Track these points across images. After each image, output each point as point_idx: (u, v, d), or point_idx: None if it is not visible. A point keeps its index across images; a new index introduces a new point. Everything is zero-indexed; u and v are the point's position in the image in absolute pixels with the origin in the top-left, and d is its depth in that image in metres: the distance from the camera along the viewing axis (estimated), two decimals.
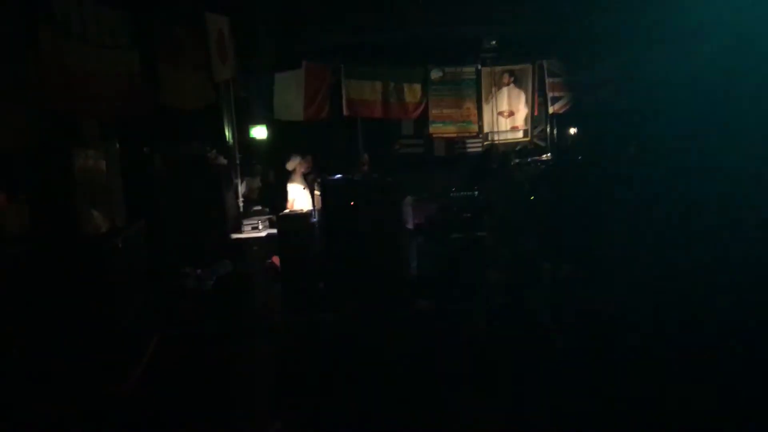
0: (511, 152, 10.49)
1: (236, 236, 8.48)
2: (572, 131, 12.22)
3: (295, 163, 9.42)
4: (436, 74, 11.20)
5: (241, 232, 8.65)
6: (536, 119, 11.96)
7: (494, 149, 10.74)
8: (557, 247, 8.25)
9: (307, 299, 7.72)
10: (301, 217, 8.36)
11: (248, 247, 8.53)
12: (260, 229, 8.73)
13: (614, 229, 7.95)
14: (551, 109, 11.51)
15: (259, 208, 9.83)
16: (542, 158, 11.16)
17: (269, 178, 11.07)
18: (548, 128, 12.19)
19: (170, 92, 6.38)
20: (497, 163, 9.05)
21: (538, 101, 11.62)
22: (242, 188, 9.80)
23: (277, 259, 8.34)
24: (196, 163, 7.98)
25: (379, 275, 7.78)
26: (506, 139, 11.62)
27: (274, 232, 8.47)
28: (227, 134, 9.30)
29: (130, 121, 5.93)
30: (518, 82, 11.49)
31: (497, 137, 11.53)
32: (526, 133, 11.70)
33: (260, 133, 10.65)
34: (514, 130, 11.63)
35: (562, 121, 12.15)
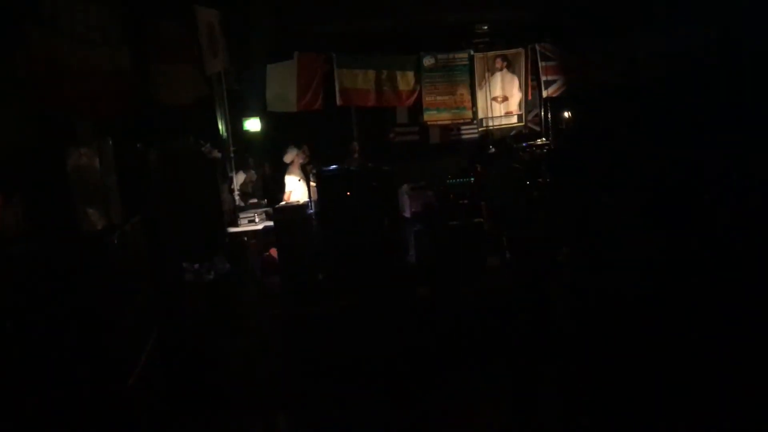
0: (510, 138, 10.49)
1: (233, 230, 8.47)
2: (566, 114, 12.21)
3: (292, 154, 9.41)
4: (428, 61, 11.15)
5: (237, 225, 8.64)
6: (530, 104, 11.94)
7: (491, 136, 10.75)
8: (561, 231, 8.27)
9: (306, 291, 7.73)
10: (297, 208, 8.35)
11: (245, 240, 8.53)
12: (257, 221, 8.73)
13: (614, 212, 7.97)
14: (545, 93, 11.49)
15: (255, 200, 9.82)
16: (537, 143, 11.16)
17: (264, 170, 11.05)
18: (542, 112, 12.18)
19: (162, 87, 6.35)
20: (495, 148, 9.04)
21: (531, 85, 11.59)
22: (237, 181, 9.78)
23: (274, 251, 8.34)
24: (190, 157, 7.93)
25: (377, 264, 7.79)
26: (500, 124, 11.61)
27: (270, 224, 8.46)
28: (221, 127, 9.27)
29: (122, 117, 5.89)
30: (511, 66, 11.46)
31: (492, 123, 11.52)
32: (520, 117, 11.68)
33: (254, 125, 10.61)
34: (508, 115, 11.61)
35: (556, 104, 12.13)
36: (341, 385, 6.06)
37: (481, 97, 11.42)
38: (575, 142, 11.25)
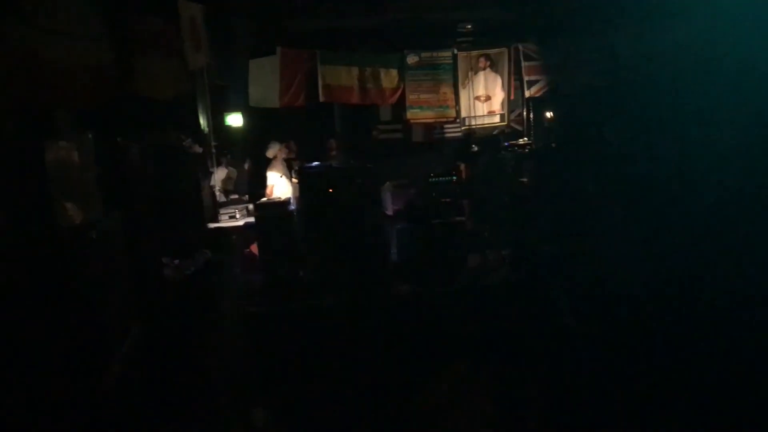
0: (499, 138, 10.54)
1: (213, 225, 8.43)
2: (549, 114, 12.28)
3: (275, 149, 9.38)
4: (412, 59, 11.15)
5: (218, 221, 8.60)
6: (513, 103, 11.98)
7: (474, 134, 10.79)
8: (546, 228, 8.34)
9: (287, 287, 7.72)
10: (279, 205, 8.33)
11: (226, 236, 8.49)
12: (238, 217, 8.69)
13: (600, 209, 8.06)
14: (527, 92, 11.53)
15: (236, 196, 9.78)
16: (519, 142, 11.21)
17: (246, 166, 11.01)
18: (525, 112, 12.24)
19: (143, 81, 6.29)
20: (481, 144, 9.09)
21: (514, 85, 11.63)
22: (218, 177, 9.73)
23: (255, 247, 8.31)
24: (171, 152, 7.88)
25: (359, 262, 7.79)
26: (483, 123, 11.63)
27: (251, 220, 8.43)
28: (202, 122, 9.20)
29: (103, 111, 5.83)
30: (494, 66, 11.48)
31: (474, 122, 11.54)
32: (503, 117, 11.71)
33: (236, 120, 10.57)
34: (491, 114, 11.64)
35: (538, 104, 12.19)
36: (320, 382, 6.06)
37: (464, 96, 11.44)
38: (558, 141, 11.33)
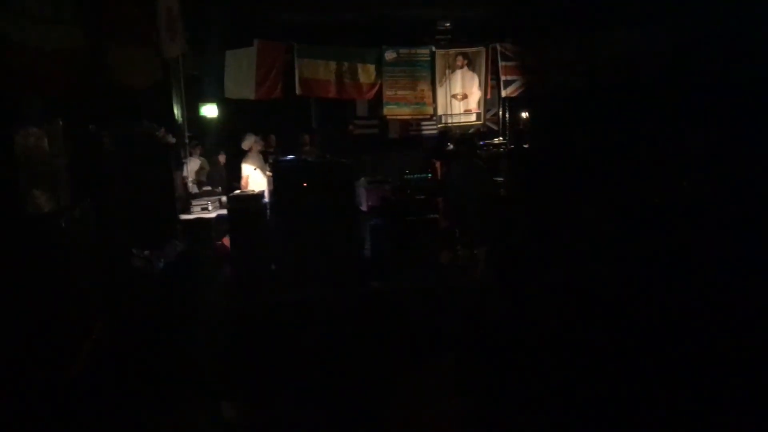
0: (474, 136, 10.58)
1: (185, 217, 8.34)
2: (525, 115, 12.36)
3: (250, 141, 9.29)
4: (390, 55, 11.15)
5: (190, 212, 8.51)
6: (489, 102, 12.05)
7: (448, 132, 10.81)
8: (517, 227, 8.39)
9: (258, 281, 7.66)
10: (252, 197, 8.25)
11: (198, 228, 8.40)
12: (210, 209, 8.61)
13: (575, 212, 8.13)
14: (504, 92, 11.60)
15: (209, 188, 9.68)
16: (494, 142, 11.28)
17: (219, 158, 10.92)
18: (501, 112, 12.30)
19: (117, 69, 6.21)
20: (458, 145, 9.11)
21: (491, 84, 11.69)
22: (191, 168, 9.63)
23: (227, 240, 8.24)
24: (144, 141, 7.78)
25: (332, 257, 7.77)
26: (459, 122, 11.69)
27: (224, 212, 8.35)
28: (176, 112, 9.09)
29: (74, 98, 5.74)
30: (472, 65, 11.53)
31: (451, 120, 11.58)
32: (479, 116, 11.78)
33: (211, 111, 10.48)
34: (467, 113, 11.70)
35: (514, 104, 12.27)
36: (288, 376, 6.04)
37: (441, 93, 11.48)
38: (534, 142, 11.41)
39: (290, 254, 7.89)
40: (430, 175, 9.18)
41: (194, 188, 9.48)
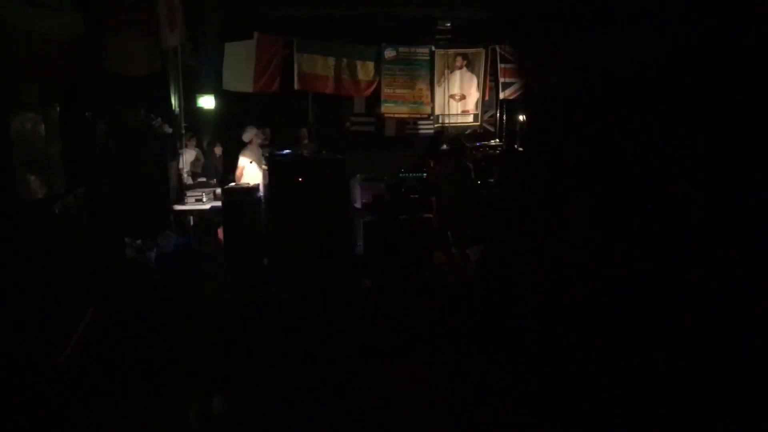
0: (461, 136, 10.58)
1: (179, 208, 8.33)
2: (521, 117, 12.38)
3: (251, 134, 9.25)
4: (389, 53, 11.15)
5: (184, 203, 8.50)
6: (486, 104, 12.06)
7: (445, 133, 10.83)
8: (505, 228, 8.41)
9: (250, 274, 7.66)
10: (247, 190, 8.24)
11: (191, 219, 8.40)
12: (204, 201, 8.60)
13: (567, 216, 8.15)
14: (502, 94, 11.62)
15: (204, 179, 9.67)
16: (490, 143, 11.30)
17: (215, 149, 10.91)
18: (498, 114, 12.32)
19: (115, 57, 6.21)
20: (448, 146, 9.12)
21: (489, 86, 11.70)
22: (187, 159, 9.62)
23: (220, 232, 8.22)
24: (140, 131, 7.78)
25: (324, 253, 7.77)
26: (456, 122, 11.69)
27: (218, 204, 8.34)
28: (173, 103, 9.08)
29: (72, 84, 5.73)
30: (471, 65, 11.54)
31: (448, 120, 11.59)
32: (476, 117, 11.79)
33: (208, 103, 10.45)
34: (464, 113, 11.71)
35: (512, 107, 12.29)
36: (278, 372, 6.05)
37: (439, 93, 11.48)
38: (530, 144, 11.43)
39: (283, 249, 7.89)
40: (425, 174, 9.17)
41: (189, 179, 9.47)
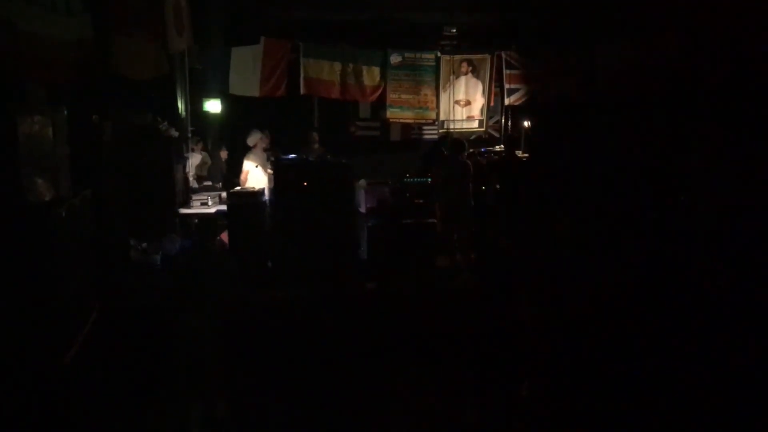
0: (463, 141, 10.56)
1: (184, 211, 8.36)
2: (526, 123, 12.39)
3: (256, 137, 9.27)
4: (395, 58, 11.16)
5: (189, 207, 8.53)
6: (492, 110, 12.07)
7: (449, 137, 10.83)
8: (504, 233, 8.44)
9: (254, 277, 7.68)
10: (252, 194, 8.28)
11: (196, 222, 8.41)
12: (209, 204, 8.63)
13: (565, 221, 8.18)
14: (507, 100, 11.61)
15: (209, 183, 9.70)
16: (495, 149, 11.31)
17: (221, 153, 10.94)
18: (503, 120, 12.33)
19: (123, 60, 6.23)
20: (450, 151, 9.13)
21: (494, 92, 11.71)
22: (193, 162, 9.65)
23: (225, 235, 8.26)
24: (146, 134, 7.81)
25: (328, 256, 7.80)
26: (462, 128, 11.68)
27: (223, 208, 8.37)
28: (180, 106, 9.13)
29: (79, 87, 5.76)
30: (476, 71, 11.54)
31: (453, 126, 11.60)
32: (481, 123, 11.79)
33: (214, 107, 10.49)
34: (469, 119, 11.71)
35: (517, 113, 12.30)
36: (282, 374, 6.06)
37: (444, 99, 11.49)
38: (535, 150, 11.47)
39: (288, 252, 7.92)
40: (430, 179, 9.20)
41: (194, 183, 9.50)
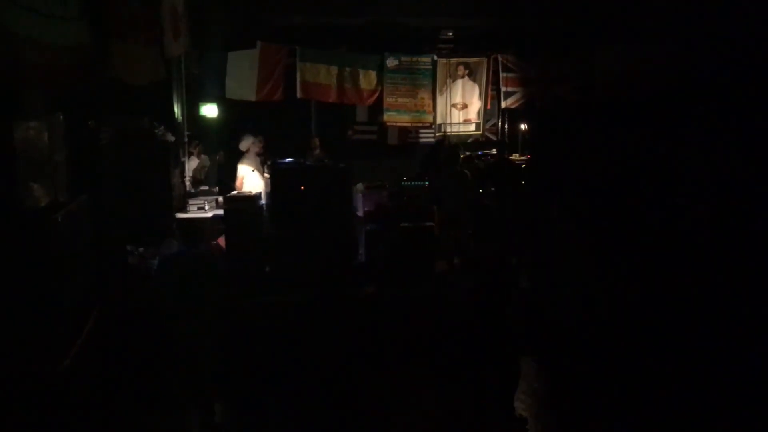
0: (459, 144, 10.59)
1: (181, 215, 8.34)
2: (523, 126, 12.41)
3: (248, 142, 9.26)
4: (392, 62, 11.17)
5: (186, 211, 8.51)
6: (488, 113, 12.09)
7: (446, 141, 10.85)
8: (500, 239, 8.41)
9: (252, 282, 7.67)
10: (249, 199, 8.26)
11: (193, 227, 8.38)
12: (206, 209, 8.61)
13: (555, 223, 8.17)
14: (504, 103, 11.63)
15: (206, 188, 9.68)
16: (492, 152, 11.32)
17: (218, 158, 10.92)
18: (500, 122, 12.35)
19: (120, 66, 6.22)
20: (446, 162, 9.13)
21: (491, 95, 11.72)
22: (190, 167, 9.63)
23: (222, 240, 8.24)
24: (143, 138, 7.79)
25: (326, 260, 7.78)
26: (458, 131, 11.71)
27: (220, 212, 8.35)
28: (176, 111, 9.10)
29: (76, 92, 5.76)
30: (473, 75, 11.56)
31: (450, 129, 11.61)
32: (478, 126, 11.81)
33: (211, 111, 10.48)
34: (466, 122, 11.72)
35: (513, 116, 12.32)
36: (280, 378, 6.05)
37: (441, 102, 11.51)
38: (531, 154, 11.49)
39: (285, 256, 7.91)
40: (427, 182, 9.19)
41: (190, 187, 9.47)
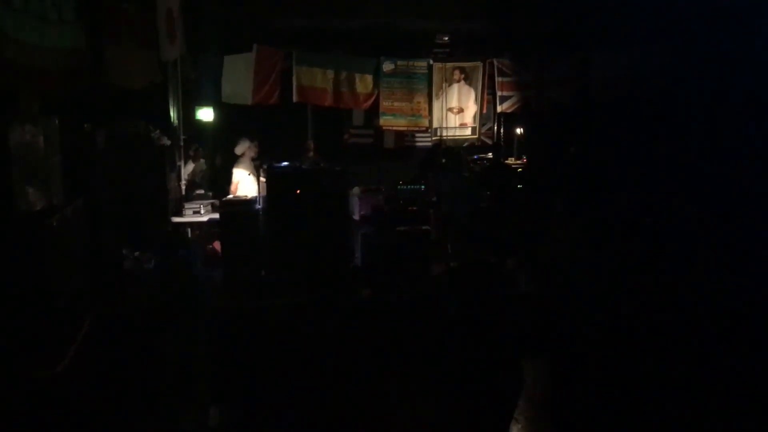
0: (461, 149, 10.61)
1: (177, 219, 8.33)
2: (519, 131, 12.44)
3: (244, 146, 9.26)
4: (388, 66, 11.18)
5: (182, 215, 8.50)
6: (484, 117, 12.10)
7: (442, 146, 10.88)
8: (501, 241, 8.42)
9: (247, 286, 7.65)
10: (244, 203, 8.26)
11: (189, 231, 8.39)
12: (202, 213, 8.60)
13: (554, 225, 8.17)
14: (500, 107, 11.65)
15: (201, 191, 9.66)
16: (488, 156, 11.34)
17: (214, 161, 10.91)
18: (495, 127, 12.37)
19: (115, 69, 6.23)
20: (446, 158, 9.14)
21: (487, 99, 11.74)
22: (185, 171, 9.61)
23: (218, 244, 8.23)
24: (139, 142, 7.78)
25: (322, 264, 7.76)
26: (454, 135, 11.73)
27: (216, 216, 8.34)
28: (172, 114, 9.10)
29: (71, 96, 5.75)
30: (468, 79, 11.58)
31: (446, 133, 11.63)
32: (474, 130, 11.82)
33: (207, 115, 10.47)
34: (462, 126, 11.74)
35: (509, 120, 12.34)
36: (275, 382, 6.04)
37: (437, 106, 11.52)
38: (529, 157, 11.51)
39: (281, 260, 7.89)
40: (423, 186, 9.19)
41: (186, 191, 9.46)
